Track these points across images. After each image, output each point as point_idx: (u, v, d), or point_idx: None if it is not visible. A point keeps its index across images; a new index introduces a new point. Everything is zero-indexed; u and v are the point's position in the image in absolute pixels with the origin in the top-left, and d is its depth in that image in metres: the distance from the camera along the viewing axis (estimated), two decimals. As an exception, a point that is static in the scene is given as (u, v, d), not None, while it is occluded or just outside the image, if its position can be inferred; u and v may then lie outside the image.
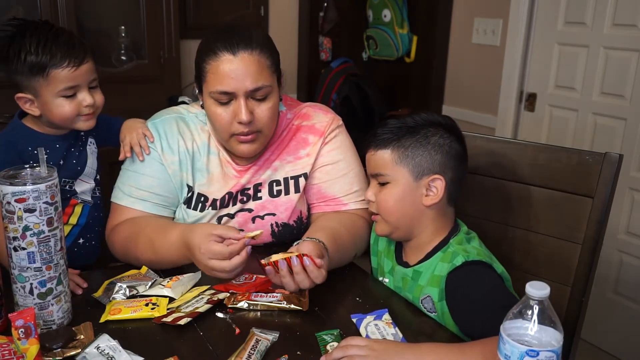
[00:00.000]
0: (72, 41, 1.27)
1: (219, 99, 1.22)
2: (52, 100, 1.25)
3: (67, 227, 1.37)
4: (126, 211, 1.32)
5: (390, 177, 1.14)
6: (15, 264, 0.95)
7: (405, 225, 1.16)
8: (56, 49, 1.23)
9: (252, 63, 1.19)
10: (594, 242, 1.22)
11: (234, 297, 1.11)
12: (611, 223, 1.37)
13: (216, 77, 1.20)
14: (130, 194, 1.32)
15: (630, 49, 2.23)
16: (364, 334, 1.01)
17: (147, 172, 1.32)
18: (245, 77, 1.19)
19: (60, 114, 1.27)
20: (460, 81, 2.96)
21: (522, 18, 2.58)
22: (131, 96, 2.60)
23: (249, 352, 0.92)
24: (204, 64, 1.23)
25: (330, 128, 1.38)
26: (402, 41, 3.22)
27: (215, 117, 1.24)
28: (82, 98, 1.28)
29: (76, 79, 1.26)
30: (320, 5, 3.30)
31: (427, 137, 1.13)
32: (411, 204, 1.14)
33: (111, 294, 1.11)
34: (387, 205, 1.15)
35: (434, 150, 1.13)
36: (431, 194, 1.14)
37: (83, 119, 1.31)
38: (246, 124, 1.22)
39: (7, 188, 0.91)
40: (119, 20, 2.66)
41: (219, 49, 1.20)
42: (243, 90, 1.20)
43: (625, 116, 2.28)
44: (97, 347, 0.92)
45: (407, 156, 1.13)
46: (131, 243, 1.27)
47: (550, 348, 0.78)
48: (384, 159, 1.15)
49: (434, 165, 1.13)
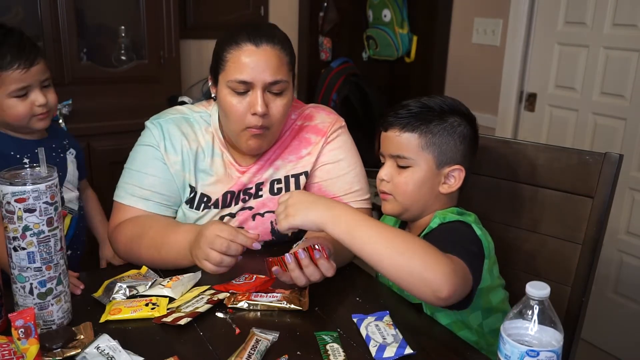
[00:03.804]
0: (22, 43, 1.27)
1: (236, 88, 1.22)
2: (4, 102, 1.26)
3: None
4: (129, 210, 1.31)
5: (413, 161, 1.14)
6: (15, 264, 0.95)
7: (417, 208, 1.18)
8: (5, 51, 1.23)
9: (273, 56, 1.21)
10: (594, 242, 1.22)
11: (234, 297, 1.11)
12: (611, 223, 1.38)
13: (236, 66, 1.21)
14: (133, 193, 1.31)
15: (630, 49, 2.23)
16: (364, 334, 1.01)
17: (150, 172, 1.32)
18: (265, 69, 1.20)
19: (13, 115, 1.27)
20: (460, 81, 2.96)
21: (522, 18, 2.58)
22: (131, 96, 2.60)
23: (249, 352, 0.92)
24: (225, 52, 1.23)
25: (332, 128, 1.39)
26: (402, 41, 3.22)
27: (230, 108, 1.24)
28: (35, 98, 1.28)
29: (27, 80, 1.26)
30: (320, 5, 3.30)
31: (454, 127, 1.14)
32: (428, 190, 1.16)
33: (111, 294, 1.11)
34: (406, 188, 1.15)
35: (460, 140, 1.14)
36: (449, 182, 1.15)
37: (37, 119, 1.31)
38: (260, 116, 1.22)
39: (7, 188, 0.91)
40: (119, 20, 2.66)
41: (242, 39, 1.21)
42: (262, 82, 1.21)
43: (625, 116, 2.28)
44: (97, 347, 0.92)
45: (433, 143, 1.13)
46: (134, 242, 1.27)
47: (551, 348, 0.78)
48: (409, 142, 1.14)
49: (458, 155, 1.15)
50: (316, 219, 1.01)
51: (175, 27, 2.63)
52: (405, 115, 1.15)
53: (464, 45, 2.91)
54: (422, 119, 1.14)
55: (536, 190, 1.32)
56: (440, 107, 1.15)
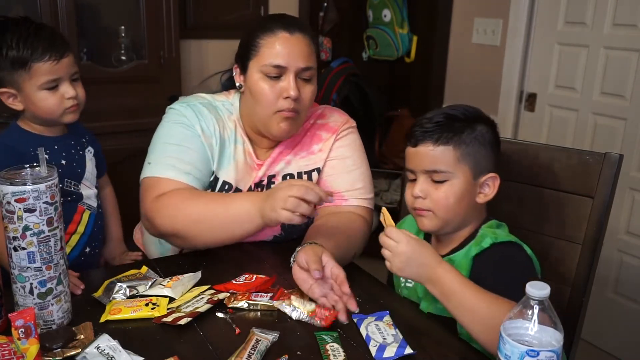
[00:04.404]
0: (54, 36, 1.30)
1: (269, 73, 1.26)
2: (35, 94, 1.28)
3: (76, 237, 1.37)
4: (170, 183, 1.26)
5: (451, 174, 1.11)
6: (15, 263, 0.95)
7: (457, 222, 1.16)
8: (37, 43, 1.26)
9: (304, 44, 1.28)
10: (594, 242, 1.22)
11: (234, 297, 1.11)
12: (611, 223, 1.37)
13: (271, 51, 1.26)
14: (174, 165, 1.28)
15: (630, 49, 2.23)
16: (364, 334, 1.01)
17: (192, 147, 1.30)
18: (299, 55, 1.26)
19: (44, 107, 1.29)
20: (460, 81, 2.96)
21: (522, 18, 2.58)
22: (131, 96, 2.60)
23: (249, 352, 0.92)
24: (258, 39, 1.28)
25: (343, 127, 1.43)
26: (402, 41, 3.22)
27: (262, 92, 1.27)
28: (65, 90, 1.30)
29: (58, 72, 1.28)
30: (320, 5, 3.30)
31: (483, 134, 1.13)
32: (468, 202, 1.14)
33: (111, 294, 1.11)
34: (447, 202, 1.12)
35: (491, 147, 1.14)
36: (485, 191, 1.14)
37: (68, 111, 1.33)
38: (293, 100, 1.26)
39: (7, 188, 0.91)
40: (119, 20, 2.66)
41: (276, 27, 1.27)
42: (295, 67, 1.26)
43: (625, 116, 2.28)
44: (97, 347, 0.92)
45: (468, 154, 1.11)
46: (185, 205, 1.21)
47: (551, 348, 0.78)
48: (445, 156, 1.11)
49: (491, 163, 1.14)
50: (418, 278, 1.05)
51: (175, 27, 2.63)
52: (435, 128, 1.11)
53: (464, 45, 2.91)
54: (453, 130, 1.11)
55: (536, 190, 1.32)
56: (466, 116, 1.13)
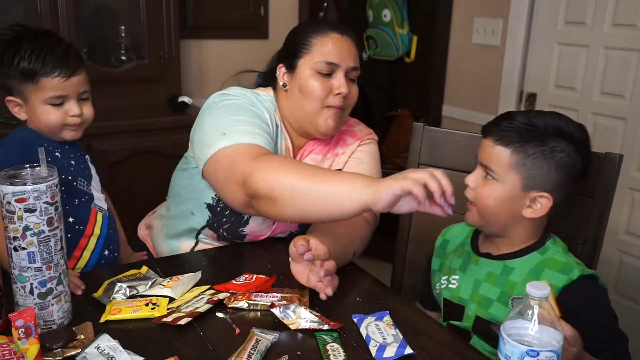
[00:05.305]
0: (68, 52, 1.29)
1: (321, 70, 1.32)
2: (38, 106, 1.27)
3: (94, 239, 1.35)
4: (261, 148, 1.22)
5: (499, 176, 1.09)
6: (16, 263, 0.95)
7: (497, 225, 1.13)
8: (49, 58, 1.25)
9: (353, 46, 1.36)
10: (594, 242, 1.22)
11: (234, 297, 1.11)
12: (611, 223, 1.37)
13: (324, 49, 1.32)
14: (258, 133, 1.26)
15: (630, 49, 2.23)
16: (364, 334, 1.01)
17: (261, 123, 1.30)
18: (349, 54, 1.34)
19: (45, 121, 1.27)
20: (460, 81, 2.96)
21: (522, 18, 2.58)
22: (131, 96, 2.60)
23: (249, 352, 0.92)
24: (309, 39, 1.34)
25: (368, 136, 1.49)
26: (402, 41, 3.22)
27: (313, 88, 1.32)
28: (69, 108, 1.28)
29: (65, 89, 1.27)
30: (320, 5, 3.30)
31: (553, 152, 1.06)
32: (510, 209, 1.10)
33: (111, 294, 1.11)
34: (486, 201, 1.11)
35: (555, 167, 1.07)
36: (534, 207, 1.09)
37: (68, 129, 1.31)
38: (344, 96, 1.32)
39: (7, 188, 0.91)
40: (119, 20, 2.66)
41: (328, 28, 1.35)
42: (345, 65, 1.33)
43: (625, 116, 2.28)
44: (97, 347, 0.92)
45: (524, 164, 1.07)
46: (290, 166, 1.17)
47: (551, 348, 0.78)
48: (499, 157, 1.09)
49: (548, 183, 1.07)
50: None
51: (175, 27, 2.63)
52: (506, 127, 1.09)
53: (464, 45, 2.91)
54: (521, 136, 1.07)
55: (536, 190, 1.31)
56: (545, 128, 1.07)
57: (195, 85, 2.94)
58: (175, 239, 1.46)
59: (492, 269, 1.14)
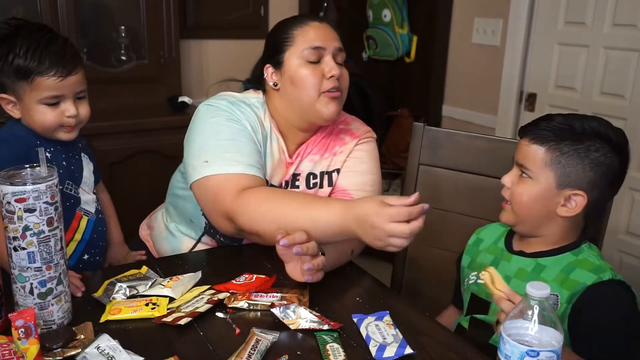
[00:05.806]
0: (64, 50, 1.23)
1: (309, 57, 1.31)
2: (34, 107, 1.22)
3: (73, 244, 1.33)
4: (241, 178, 1.22)
5: (533, 174, 1.11)
6: (16, 263, 0.95)
7: (531, 223, 1.14)
8: (45, 55, 1.19)
9: (334, 30, 1.37)
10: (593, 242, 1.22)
11: (234, 297, 1.11)
12: (611, 223, 1.37)
13: (307, 36, 1.33)
14: (237, 160, 1.24)
15: (630, 49, 2.23)
16: (364, 334, 1.01)
17: (245, 140, 1.27)
18: (332, 37, 1.35)
19: (40, 122, 1.23)
20: (460, 81, 2.96)
21: (522, 18, 2.58)
22: (131, 96, 2.60)
23: (249, 352, 0.92)
24: (290, 32, 1.35)
25: (365, 135, 1.47)
26: (402, 41, 3.22)
27: (305, 77, 1.31)
28: (65, 108, 1.24)
29: (61, 89, 1.22)
30: (320, 5, 3.30)
31: (588, 151, 1.08)
32: (544, 208, 1.11)
33: (111, 294, 1.11)
34: (520, 199, 1.12)
35: (590, 166, 1.08)
36: (569, 206, 1.10)
37: (64, 130, 1.27)
38: (336, 78, 1.32)
39: (7, 188, 0.91)
40: (119, 20, 2.67)
41: (305, 19, 1.37)
42: (332, 47, 1.33)
43: (625, 116, 2.28)
44: (97, 347, 0.92)
45: (559, 162, 1.08)
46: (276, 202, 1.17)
47: (551, 348, 0.78)
48: (534, 155, 1.10)
49: (583, 181, 1.08)
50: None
51: (175, 27, 2.63)
52: (543, 127, 1.11)
53: (464, 45, 2.91)
54: (556, 135, 1.09)
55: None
56: (582, 128, 1.09)
57: (195, 85, 2.94)
58: (175, 239, 1.47)
59: (524, 266, 1.15)
